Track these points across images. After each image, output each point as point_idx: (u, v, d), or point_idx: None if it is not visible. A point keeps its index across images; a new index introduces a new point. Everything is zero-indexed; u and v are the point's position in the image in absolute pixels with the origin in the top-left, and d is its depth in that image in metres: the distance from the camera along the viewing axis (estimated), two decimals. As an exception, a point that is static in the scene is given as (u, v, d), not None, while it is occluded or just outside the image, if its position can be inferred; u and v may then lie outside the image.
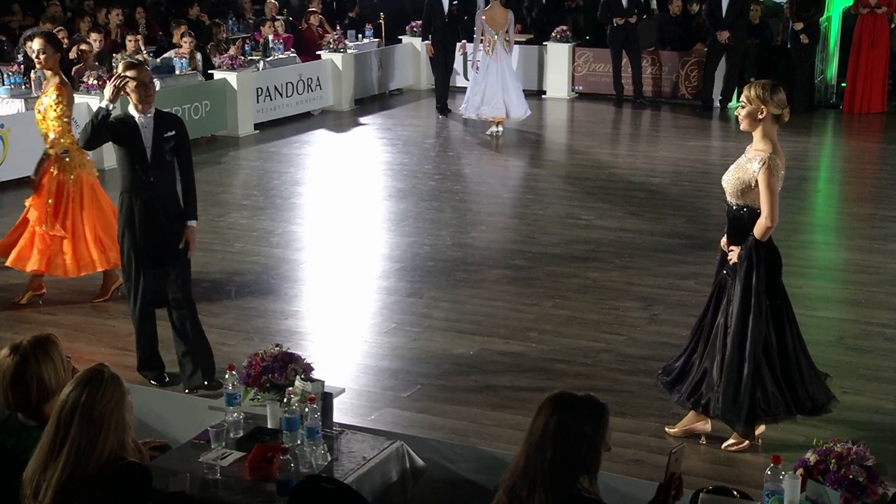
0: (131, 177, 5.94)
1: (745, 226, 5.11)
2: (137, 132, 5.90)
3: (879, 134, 13.37)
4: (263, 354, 4.61)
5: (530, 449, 3.25)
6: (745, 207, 5.11)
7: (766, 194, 4.98)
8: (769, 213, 5.00)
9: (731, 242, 5.23)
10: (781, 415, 5.21)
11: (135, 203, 5.97)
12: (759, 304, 5.11)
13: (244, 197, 10.67)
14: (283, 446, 3.99)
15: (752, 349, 5.11)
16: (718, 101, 14.89)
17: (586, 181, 11.01)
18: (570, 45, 15.99)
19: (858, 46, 14.43)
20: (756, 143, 5.12)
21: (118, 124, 5.85)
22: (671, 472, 3.48)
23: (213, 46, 14.51)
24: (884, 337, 6.63)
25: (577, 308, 7.35)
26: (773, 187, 4.99)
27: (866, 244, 8.54)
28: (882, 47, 14.42)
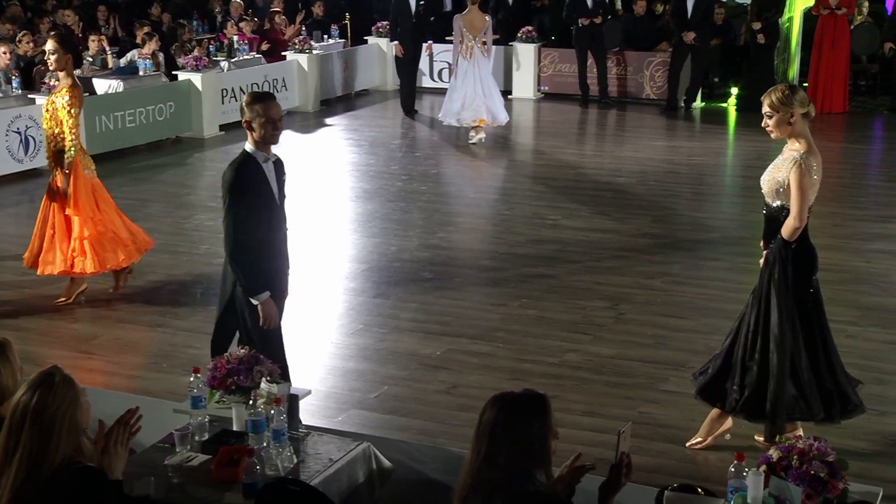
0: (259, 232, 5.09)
1: (781, 226, 5.08)
2: (263, 176, 5.08)
3: (841, 134, 13.52)
4: (229, 357, 4.59)
5: (480, 456, 3.23)
6: (783, 208, 5.07)
7: (797, 193, 4.96)
8: (798, 212, 4.96)
9: (767, 243, 5.19)
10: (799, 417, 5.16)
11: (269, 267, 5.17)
12: (782, 305, 5.06)
13: (210, 199, 10.59)
14: (248, 449, 3.97)
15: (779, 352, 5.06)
16: (683, 101, 15.00)
17: (553, 181, 11.04)
18: (535, 46, 16.04)
19: (819, 47, 14.60)
20: (791, 143, 5.08)
21: (252, 178, 4.99)
22: (621, 451, 3.49)
23: (177, 47, 14.41)
24: (845, 334, 6.71)
25: (545, 308, 7.37)
26: (804, 187, 4.96)
27: (829, 242, 8.61)
28: (842, 48, 14.59)
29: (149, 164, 12.06)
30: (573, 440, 5.17)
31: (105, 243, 7.47)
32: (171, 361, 6.57)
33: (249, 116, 4.96)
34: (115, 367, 6.58)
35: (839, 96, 14.58)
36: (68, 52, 7.30)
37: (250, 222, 5.00)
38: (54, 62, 7.27)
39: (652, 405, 5.88)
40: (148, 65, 13.15)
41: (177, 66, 13.78)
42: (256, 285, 5.05)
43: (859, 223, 9.37)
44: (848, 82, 14.86)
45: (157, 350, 6.79)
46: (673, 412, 5.76)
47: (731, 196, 10.61)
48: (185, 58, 13.60)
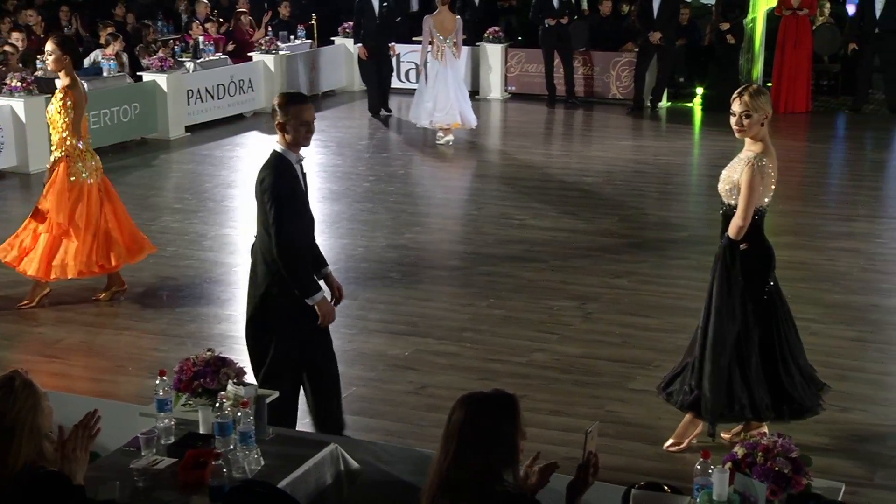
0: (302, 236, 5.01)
1: None
2: (297, 177, 4.99)
3: (804, 133, 13.66)
4: (195, 359, 4.55)
5: (448, 456, 3.23)
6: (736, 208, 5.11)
7: (745, 193, 4.99)
8: (743, 211, 5.00)
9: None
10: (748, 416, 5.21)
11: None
12: (732, 304, 5.10)
13: (176, 200, 10.54)
14: (215, 452, 3.94)
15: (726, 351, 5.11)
16: (649, 100, 15.08)
17: (520, 181, 11.07)
18: (502, 46, 16.08)
19: (782, 47, 14.74)
20: (748, 144, 5.11)
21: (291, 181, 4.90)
22: (588, 450, 3.50)
23: (141, 48, 14.30)
24: (809, 331, 6.77)
25: (512, 308, 7.39)
26: (754, 186, 4.98)
27: (793, 241, 8.71)
28: (805, 48, 14.75)
29: (114, 165, 11.91)
30: (540, 439, 5.18)
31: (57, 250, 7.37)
32: (136, 364, 6.52)
33: (283, 118, 4.87)
34: (81, 370, 6.53)
35: (802, 96, 14.72)
36: (66, 52, 7.24)
37: (295, 226, 4.91)
38: (52, 63, 7.24)
39: (619, 404, 5.91)
40: (112, 65, 13.04)
41: (141, 66, 13.67)
42: (311, 287, 4.93)
43: (822, 222, 9.47)
44: (810, 82, 15.02)
45: (123, 353, 6.73)
46: (640, 411, 5.80)
47: (698, 195, 10.69)
48: (149, 58, 13.50)
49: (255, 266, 5.08)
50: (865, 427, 5.62)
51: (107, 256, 7.47)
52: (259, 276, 5.04)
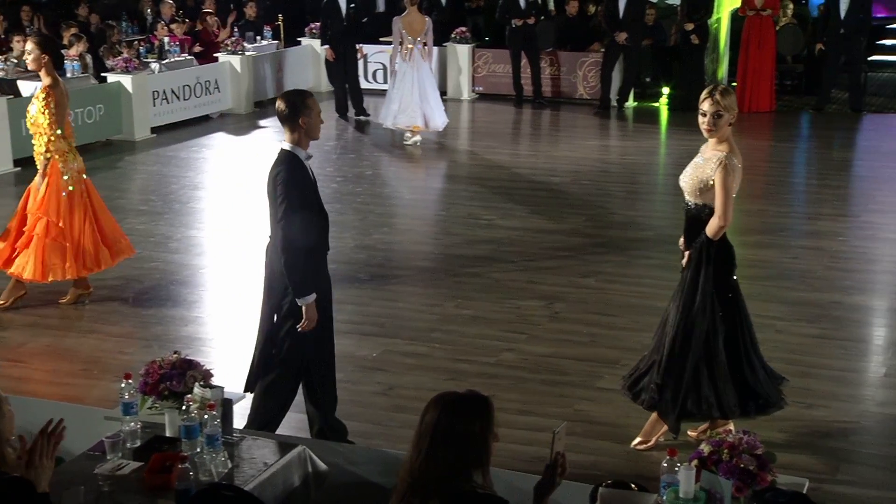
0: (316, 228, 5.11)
1: (703, 225, 5.14)
2: (308, 174, 5.05)
3: (768, 132, 13.79)
4: (161, 362, 4.53)
5: (420, 455, 3.23)
6: (705, 206, 5.14)
7: (722, 193, 5.03)
8: (723, 212, 5.04)
9: (687, 242, 5.25)
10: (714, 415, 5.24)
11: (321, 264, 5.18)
12: (704, 303, 5.14)
13: (142, 202, 10.46)
14: (181, 455, 3.92)
15: (695, 349, 5.15)
16: (616, 100, 15.15)
17: (488, 181, 11.09)
18: (469, 47, 16.10)
19: (746, 47, 14.87)
20: (714, 144, 5.13)
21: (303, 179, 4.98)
22: (556, 450, 3.51)
23: (106, 49, 14.17)
24: (774, 329, 6.85)
25: (480, 308, 7.40)
26: (729, 187, 5.03)
27: (758, 239, 8.80)
28: (768, 48, 14.88)
29: (78, 167, 11.85)
30: (509, 439, 5.19)
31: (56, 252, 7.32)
32: (102, 368, 6.46)
33: (306, 114, 4.93)
34: (45, 374, 6.47)
35: (766, 95, 14.85)
36: (45, 52, 7.18)
37: (307, 224, 4.96)
38: (31, 62, 7.20)
39: (587, 403, 5.94)
40: (76, 67, 12.91)
41: (106, 67, 13.54)
42: (306, 287, 4.96)
43: (786, 220, 9.57)
44: (774, 82, 15.16)
45: (88, 356, 6.67)
46: (607, 409, 5.82)
47: (664, 195, 10.76)
48: (114, 59, 13.38)
49: (272, 266, 5.08)
50: (828, 423, 5.68)
51: (96, 258, 7.46)
52: (276, 275, 5.05)
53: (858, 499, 4.97)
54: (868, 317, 7.32)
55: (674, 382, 5.19)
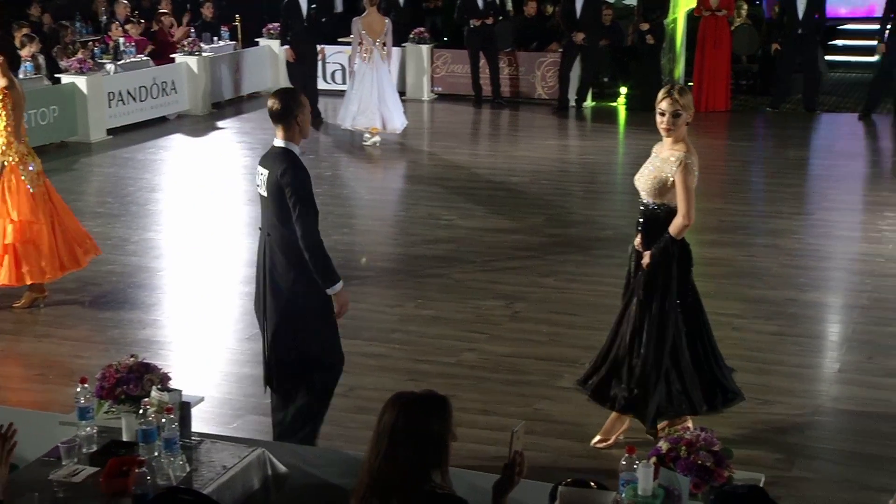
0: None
1: (662, 225, 5.16)
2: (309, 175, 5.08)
3: (724, 131, 13.93)
4: (118, 366, 4.48)
5: (379, 456, 3.22)
6: (662, 206, 5.17)
7: (684, 193, 5.05)
8: (686, 211, 5.06)
9: (645, 241, 5.27)
10: (685, 412, 5.27)
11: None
12: (672, 302, 5.18)
13: (98, 204, 10.34)
14: (139, 459, 3.87)
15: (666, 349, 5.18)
16: (574, 100, 15.22)
17: (448, 182, 11.10)
18: (428, 47, 16.09)
19: (702, 48, 15.00)
20: (670, 144, 5.15)
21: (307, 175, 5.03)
22: (514, 449, 3.51)
23: (59, 49, 13.99)
24: (731, 326, 6.92)
25: (441, 308, 7.40)
26: (690, 185, 5.06)
27: (715, 238, 8.88)
28: (724, 48, 15.03)
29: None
30: (469, 439, 5.21)
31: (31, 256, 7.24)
32: (57, 372, 6.38)
33: (301, 111, 4.98)
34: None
35: (722, 95, 15.00)
36: (0, 53, 7.06)
37: (316, 218, 5.04)
38: None
39: (547, 402, 5.96)
40: (28, 67, 12.73)
41: (59, 68, 13.37)
42: (335, 276, 5.02)
43: (743, 219, 9.66)
44: (730, 81, 15.31)
45: (43, 361, 6.59)
46: (567, 408, 5.85)
47: (623, 193, 10.81)
48: (68, 60, 13.21)
49: (273, 265, 5.05)
50: (784, 419, 5.75)
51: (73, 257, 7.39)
52: (280, 273, 5.03)
53: (814, 492, 5.03)
54: (823, 313, 7.42)
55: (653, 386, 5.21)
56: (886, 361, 6.44)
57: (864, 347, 6.66)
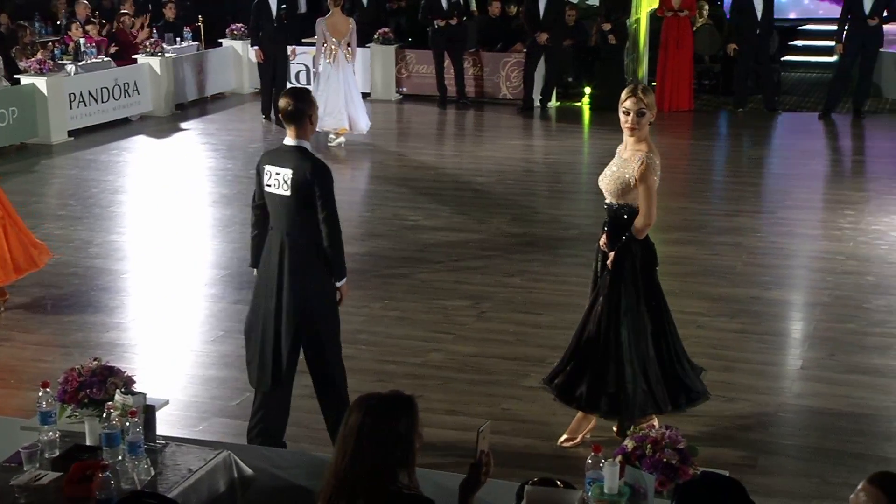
0: None
1: (626, 224, 5.18)
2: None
3: (688, 131, 14.03)
4: (80, 369, 4.44)
5: (346, 457, 3.21)
6: (626, 206, 5.18)
7: (646, 193, 5.08)
8: (647, 211, 5.09)
9: (610, 241, 5.28)
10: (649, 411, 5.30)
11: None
12: (637, 302, 5.20)
13: (60, 207, 10.23)
14: (102, 463, 3.83)
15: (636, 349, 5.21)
16: (539, 100, 15.27)
17: (413, 182, 11.09)
18: (393, 48, 16.07)
19: (665, 48, 15.10)
20: (632, 143, 5.18)
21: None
22: (480, 449, 3.51)
23: (18, 50, 13.81)
24: (696, 325, 6.97)
25: (407, 308, 7.39)
26: (652, 186, 5.08)
27: (679, 236, 8.95)
28: (686, 48, 15.14)
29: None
30: (436, 439, 5.22)
31: None
32: (18, 377, 6.31)
33: (313, 109, 5.10)
34: (-41, 385, 6.28)
35: (685, 95, 15.10)
36: None
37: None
38: None
39: (513, 401, 5.97)
40: (-13, 68, 12.58)
41: (18, 69, 13.20)
42: (345, 269, 5.24)
43: (707, 217, 9.73)
44: (692, 81, 15.42)
45: (4, 365, 6.51)
46: (534, 408, 5.86)
47: (588, 193, 10.84)
48: (27, 61, 13.05)
49: (295, 263, 5.09)
50: (748, 416, 5.80)
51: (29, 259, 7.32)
52: (303, 270, 5.09)
53: (778, 488, 5.07)
54: (785, 311, 7.49)
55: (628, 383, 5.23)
56: (847, 358, 6.52)
57: (826, 344, 6.74)
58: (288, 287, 5.11)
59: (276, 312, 5.16)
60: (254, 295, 5.33)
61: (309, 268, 5.11)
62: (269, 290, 5.17)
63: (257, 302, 5.27)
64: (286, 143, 5.13)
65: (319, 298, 5.17)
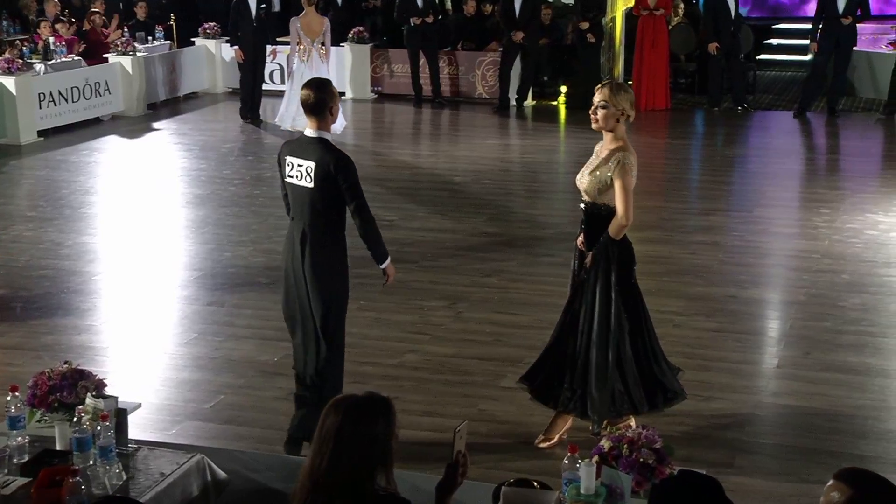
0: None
1: (603, 224, 5.16)
2: None
3: (665, 130, 14.05)
4: (50, 373, 4.37)
5: (323, 460, 3.18)
6: (603, 206, 5.16)
7: (622, 193, 5.05)
8: (624, 211, 5.06)
9: (588, 241, 5.26)
10: (626, 411, 5.29)
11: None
12: (616, 303, 5.18)
13: (29, 208, 10.11)
14: (73, 468, 3.77)
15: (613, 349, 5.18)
16: (515, 99, 15.25)
17: (389, 182, 11.04)
18: (368, 47, 16.01)
19: (641, 47, 15.11)
20: (609, 142, 5.17)
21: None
22: (457, 450, 3.49)
23: (-15, 49, 13.65)
24: (673, 324, 6.96)
25: (383, 309, 7.34)
26: (628, 185, 5.06)
27: (656, 235, 8.95)
28: (662, 47, 15.15)
29: (-39, 172, 11.42)
30: (413, 440, 5.18)
31: None
32: (-12, 381, 6.20)
33: (335, 101, 5.11)
34: (-73, 389, 6.17)
35: (661, 94, 15.12)
36: None
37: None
38: None
39: (490, 402, 5.94)
40: (-46, 67, 12.42)
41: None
42: (387, 252, 5.42)
43: (684, 216, 9.74)
44: (669, 80, 15.44)
45: (-27, 369, 6.40)
46: (510, 408, 5.83)
47: (564, 192, 10.84)
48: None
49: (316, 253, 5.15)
50: (725, 415, 5.79)
51: None
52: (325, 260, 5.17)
53: (754, 487, 5.07)
54: (762, 310, 7.50)
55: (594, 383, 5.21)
56: (823, 356, 6.54)
57: (802, 343, 6.75)
58: (311, 278, 5.17)
59: (308, 298, 5.22)
60: (284, 277, 5.36)
61: (328, 261, 5.17)
62: (298, 276, 5.22)
63: (287, 287, 5.32)
64: (307, 133, 5.14)
65: (334, 296, 5.25)
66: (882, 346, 6.71)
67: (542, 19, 15.55)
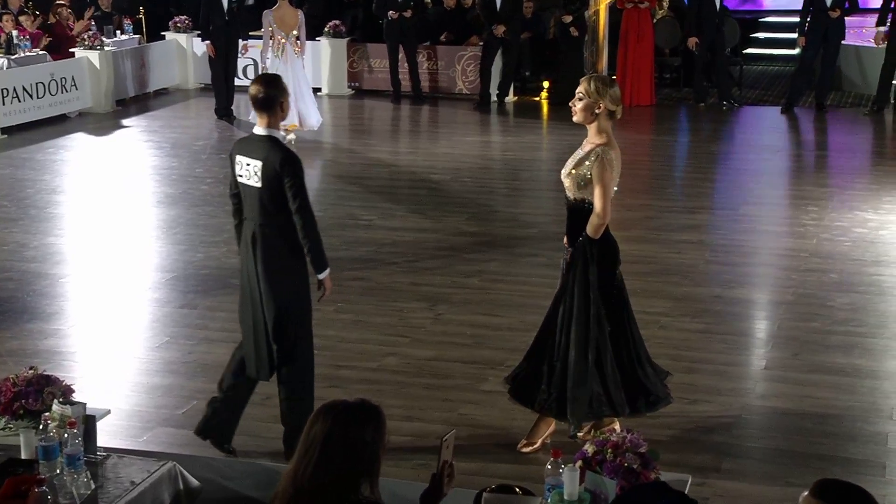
0: None
1: (586, 219, 5.07)
2: None
3: (650, 126, 13.94)
4: (15, 379, 4.30)
5: (309, 466, 3.10)
6: (585, 201, 5.06)
7: (600, 190, 4.95)
8: (601, 207, 4.97)
9: (570, 237, 5.17)
10: (605, 414, 5.19)
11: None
12: (596, 304, 5.08)
13: (-7, 207, 9.89)
14: (39, 478, 3.63)
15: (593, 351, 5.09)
16: (496, 95, 15.09)
17: (367, 180, 10.89)
18: (344, 41, 15.82)
19: (625, 41, 14.95)
20: (591, 136, 5.08)
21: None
22: (443, 459, 3.44)
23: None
24: (658, 325, 6.85)
25: (361, 311, 7.20)
26: (606, 182, 4.96)
27: (641, 234, 8.84)
28: (647, 41, 15.00)
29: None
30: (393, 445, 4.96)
31: None
32: (-48, 386, 5.99)
33: (284, 96, 5.01)
34: None
35: (646, 89, 14.96)
36: None
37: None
38: None
39: (471, 406, 5.82)
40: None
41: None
42: (326, 260, 5.14)
43: (669, 215, 9.61)
44: (653, 75, 15.30)
45: (-64, 375, 6.19)
46: (492, 412, 5.72)
47: (547, 190, 10.71)
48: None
49: (268, 254, 5.01)
50: (712, 418, 5.69)
51: None
52: (278, 261, 5.02)
53: (742, 491, 4.98)
54: (748, 310, 7.40)
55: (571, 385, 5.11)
56: (811, 357, 6.44)
57: (790, 344, 6.65)
58: (264, 278, 5.04)
59: (261, 301, 5.08)
60: (240, 279, 5.25)
61: (281, 264, 5.03)
62: (251, 278, 5.09)
63: (242, 288, 5.21)
64: (256, 131, 5.01)
65: (290, 299, 5.08)
66: (871, 346, 6.62)
67: (523, 12, 15.39)
